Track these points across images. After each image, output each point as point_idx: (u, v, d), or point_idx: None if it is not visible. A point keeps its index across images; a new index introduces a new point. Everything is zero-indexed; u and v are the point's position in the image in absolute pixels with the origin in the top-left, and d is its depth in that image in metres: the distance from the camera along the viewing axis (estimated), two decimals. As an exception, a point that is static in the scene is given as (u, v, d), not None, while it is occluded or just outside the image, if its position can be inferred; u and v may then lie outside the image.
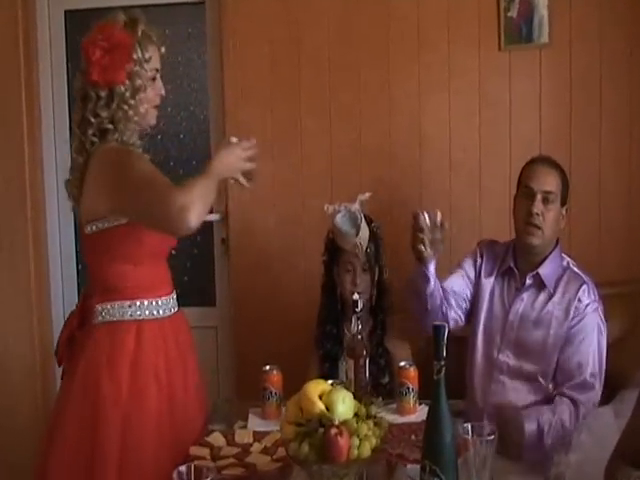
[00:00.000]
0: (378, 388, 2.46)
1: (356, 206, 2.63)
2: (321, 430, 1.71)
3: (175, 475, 1.56)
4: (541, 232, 2.42)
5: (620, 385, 2.41)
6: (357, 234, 2.58)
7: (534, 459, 2.31)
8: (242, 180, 2.09)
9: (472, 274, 2.58)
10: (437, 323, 1.76)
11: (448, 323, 2.43)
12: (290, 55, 3.20)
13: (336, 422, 1.72)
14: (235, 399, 2.91)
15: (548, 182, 2.44)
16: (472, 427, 1.73)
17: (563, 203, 2.47)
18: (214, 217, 3.31)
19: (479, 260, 2.58)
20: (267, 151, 3.19)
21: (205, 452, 1.98)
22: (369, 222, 2.66)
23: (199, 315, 3.31)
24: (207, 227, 3.34)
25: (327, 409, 1.77)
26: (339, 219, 2.61)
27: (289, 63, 3.20)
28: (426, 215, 2.37)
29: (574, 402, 2.31)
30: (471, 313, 2.55)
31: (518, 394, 2.41)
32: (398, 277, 2.90)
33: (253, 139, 2.08)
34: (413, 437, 2.05)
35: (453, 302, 2.52)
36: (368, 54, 3.18)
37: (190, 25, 3.42)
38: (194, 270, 3.43)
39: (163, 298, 2.15)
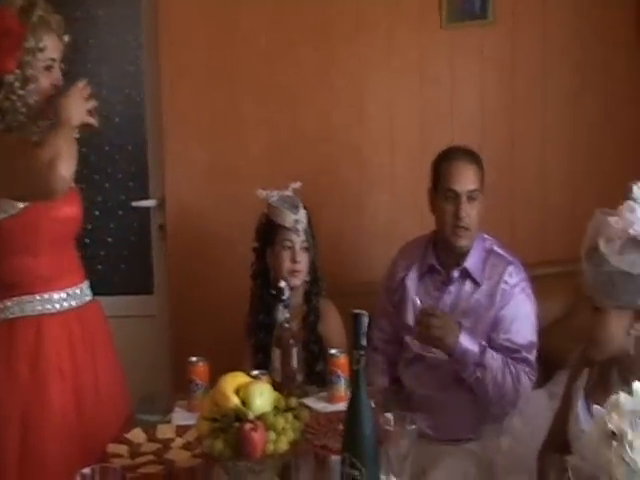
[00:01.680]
0: (312, 376, 2.40)
1: (289, 192, 2.59)
2: (236, 425, 1.65)
3: (78, 478, 1.49)
4: (470, 232, 2.39)
5: (558, 365, 2.39)
6: (297, 212, 2.53)
7: (467, 439, 2.31)
8: (92, 120, 2.06)
9: (391, 301, 2.56)
10: (356, 311, 1.70)
11: None
12: (227, 37, 3.09)
13: (251, 417, 1.65)
14: (170, 391, 2.83)
15: (471, 180, 2.40)
16: (394, 417, 1.68)
17: (482, 188, 2.43)
18: (151, 203, 3.22)
19: (395, 276, 2.56)
20: (204, 134, 3.11)
21: (123, 449, 1.90)
22: (304, 207, 2.59)
23: (137, 304, 3.25)
24: (144, 213, 3.26)
25: (244, 403, 1.71)
26: (275, 200, 2.56)
27: (226, 45, 3.10)
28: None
29: (518, 375, 2.31)
30: (397, 314, 2.52)
31: (452, 389, 2.38)
32: (335, 262, 2.87)
33: (84, 80, 2.05)
34: (341, 426, 1.98)
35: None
36: (306, 35, 3.09)
37: (125, 7, 3.30)
38: (131, 258, 3.35)
39: (69, 289, 2.06)
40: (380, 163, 3.13)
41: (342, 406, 2.13)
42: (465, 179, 2.38)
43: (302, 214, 2.55)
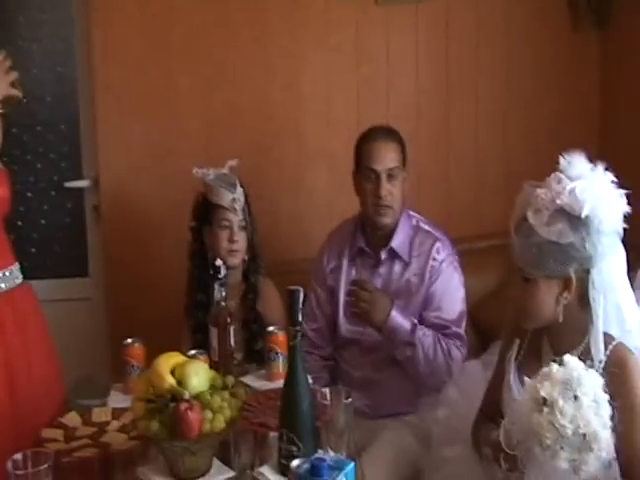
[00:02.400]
0: (251, 354, 2.40)
1: (225, 171, 2.57)
2: (172, 405, 1.64)
3: (10, 465, 1.46)
4: (392, 210, 2.40)
5: (493, 336, 2.43)
6: (234, 191, 2.51)
7: (405, 412, 2.34)
8: (15, 92, 2.05)
9: (325, 289, 2.54)
10: (292, 288, 1.70)
11: None
12: (160, 12, 3.01)
13: (186, 396, 1.64)
14: (107, 374, 2.79)
15: (390, 158, 2.40)
16: (330, 392, 1.69)
17: (404, 167, 2.44)
18: (84, 183, 3.15)
19: (325, 263, 2.54)
20: (139, 112, 3.04)
21: (58, 434, 1.87)
22: (241, 185, 2.57)
23: (72, 286, 3.18)
24: (77, 194, 3.18)
25: (180, 383, 1.70)
26: (212, 178, 2.53)
27: (159, 20, 3.02)
28: None
29: (449, 350, 2.34)
30: (331, 301, 2.52)
31: (388, 368, 2.40)
32: (274, 239, 2.86)
33: (2, 52, 2.06)
34: (279, 403, 1.99)
35: None
36: (242, 11, 3.04)
37: (56, -17, 3.21)
38: (66, 240, 3.26)
39: None
40: (317, 140, 3.12)
41: (281, 383, 2.12)
42: (384, 158, 2.39)
43: (239, 192, 2.52)
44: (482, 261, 2.90)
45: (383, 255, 2.44)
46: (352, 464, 1.33)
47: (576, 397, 1.52)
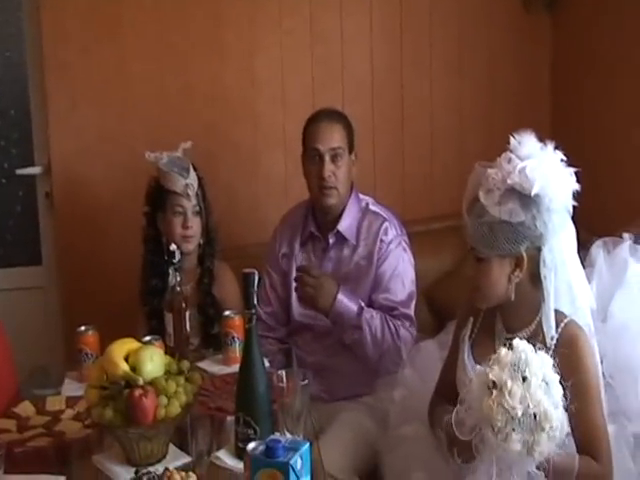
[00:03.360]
0: (208, 339, 2.39)
1: (178, 154, 2.54)
2: (126, 392, 1.62)
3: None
4: (336, 191, 2.39)
5: (449, 316, 2.45)
6: (187, 176, 2.48)
7: (362, 394, 2.35)
8: None
9: (279, 272, 2.53)
10: (247, 271, 1.70)
11: None
12: (112, -6, 2.98)
13: (140, 382, 1.62)
14: (62, 363, 2.75)
15: (334, 139, 2.39)
16: (287, 374, 1.69)
17: (351, 150, 2.43)
18: (36, 170, 3.09)
19: (277, 247, 2.53)
20: (90, 97, 2.99)
21: (11, 424, 1.85)
22: (195, 169, 2.55)
23: (25, 275, 3.14)
24: (29, 181, 3.12)
25: (134, 369, 1.68)
26: (165, 163, 2.50)
27: (111, 3, 2.97)
28: None
29: (397, 331, 2.34)
30: (284, 286, 2.51)
31: (342, 353, 2.39)
32: (230, 223, 2.84)
33: None
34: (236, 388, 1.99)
35: None
36: (196, -8, 3.01)
37: (3, -34, 3.13)
38: (18, 228, 3.21)
39: None
40: (272, 122, 3.10)
41: (237, 367, 2.13)
42: (328, 138, 2.37)
43: (193, 177, 2.50)
44: (437, 242, 2.93)
45: (331, 239, 2.43)
46: (307, 445, 1.33)
47: (524, 378, 1.54)
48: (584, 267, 1.92)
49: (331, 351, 2.41)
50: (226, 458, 1.70)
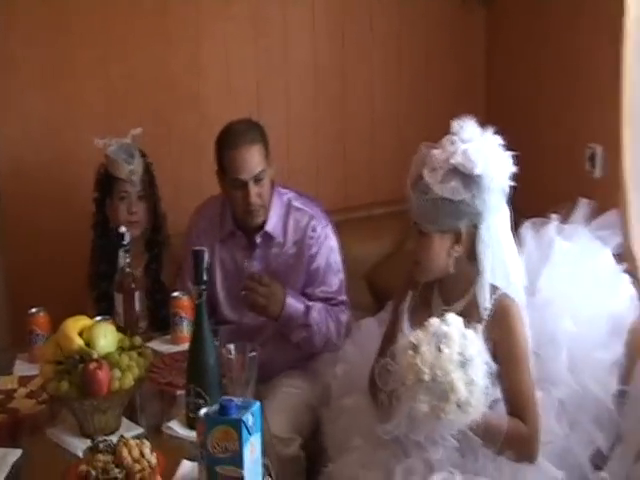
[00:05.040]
0: (156, 322, 2.44)
1: (128, 140, 2.59)
2: (81, 366, 1.68)
3: None
4: (263, 209, 2.39)
5: (389, 297, 2.56)
6: (132, 162, 2.54)
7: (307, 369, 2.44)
8: None
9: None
10: (196, 248, 1.77)
11: None
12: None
13: (95, 356, 1.69)
14: (10, 344, 2.78)
15: (255, 164, 2.33)
16: (235, 347, 1.78)
17: (269, 161, 2.40)
18: (-20, 158, 3.08)
19: (195, 240, 2.44)
20: (37, 84, 2.99)
21: (-37, 403, 1.88)
22: (142, 155, 2.61)
23: (-31, 261, 3.13)
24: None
25: (88, 345, 1.74)
26: (112, 150, 2.56)
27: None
28: None
29: (338, 318, 2.44)
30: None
31: (274, 344, 2.41)
32: (177, 209, 2.90)
33: None
34: (185, 364, 2.05)
35: None
36: (142, -18, 3.04)
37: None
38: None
39: None
40: (218, 111, 3.12)
41: (186, 346, 2.18)
42: (250, 166, 2.32)
43: (137, 163, 2.55)
44: (378, 227, 3.03)
45: (258, 239, 2.43)
46: (258, 404, 1.41)
47: (440, 349, 1.66)
48: (518, 246, 2.06)
49: (262, 343, 2.31)
50: (177, 428, 1.77)
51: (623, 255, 2.13)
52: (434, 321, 1.71)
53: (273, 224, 2.42)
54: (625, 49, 2.26)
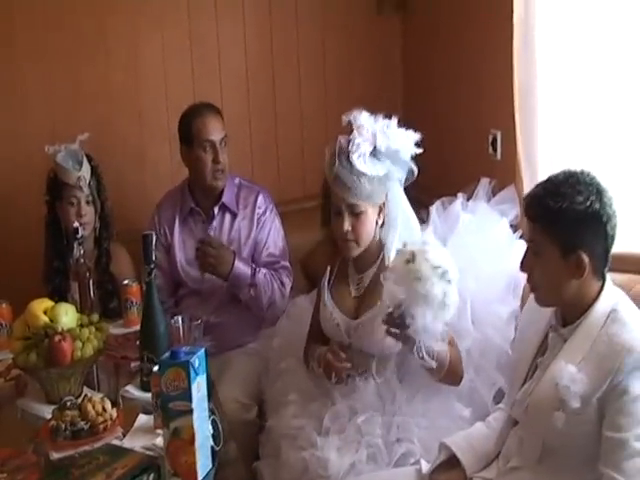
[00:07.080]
0: (107, 312, 2.63)
1: (76, 146, 2.79)
2: (47, 340, 1.92)
3: None
4: (225, 174, 2.77)
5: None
6: (80, 169, 2.73)
7: (247, 343, 2.77)
8: None
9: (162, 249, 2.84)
10: (145, 232, 2.02)
11: None
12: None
13: (59, 329, 1.92)
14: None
15: (220, 128, 2.76)
16: (182, 318, 2.03)
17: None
18: None
19: (158, 228, 2.85)
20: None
21: None
22: (89, 159, 2.80)
23: None
24: None
25: (52, 322, 1.98)
26: (61, 157, 2.75)
27: (3, 5, 3.11)
28: None
29: (282, 280, 2.77)
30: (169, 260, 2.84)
31: (227, 311, 2.77)
32: (125, 208, 3.12)
33: None
34: (138, 342, 2.28)
35: None
36: (83, 3, 3.20)
37: None
38: None
39: None
40: (157, 116, 3.35)
41: (137, 328, 2.42)
42: (217, 128, 2.75)
43: (85, 169, 2.74)
44: (309, 218, 3.20)
45: (216, 210, 2.81)
46: (203, 349, 1.65)
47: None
48: (426, 223, 2.35)
49: (217, 310, 2.77)
50: (134, 391, 2.03)
51: (519, 224, 2.43)
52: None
53: (228, 198, 2.81)
54: (514, 47, 2.57)
